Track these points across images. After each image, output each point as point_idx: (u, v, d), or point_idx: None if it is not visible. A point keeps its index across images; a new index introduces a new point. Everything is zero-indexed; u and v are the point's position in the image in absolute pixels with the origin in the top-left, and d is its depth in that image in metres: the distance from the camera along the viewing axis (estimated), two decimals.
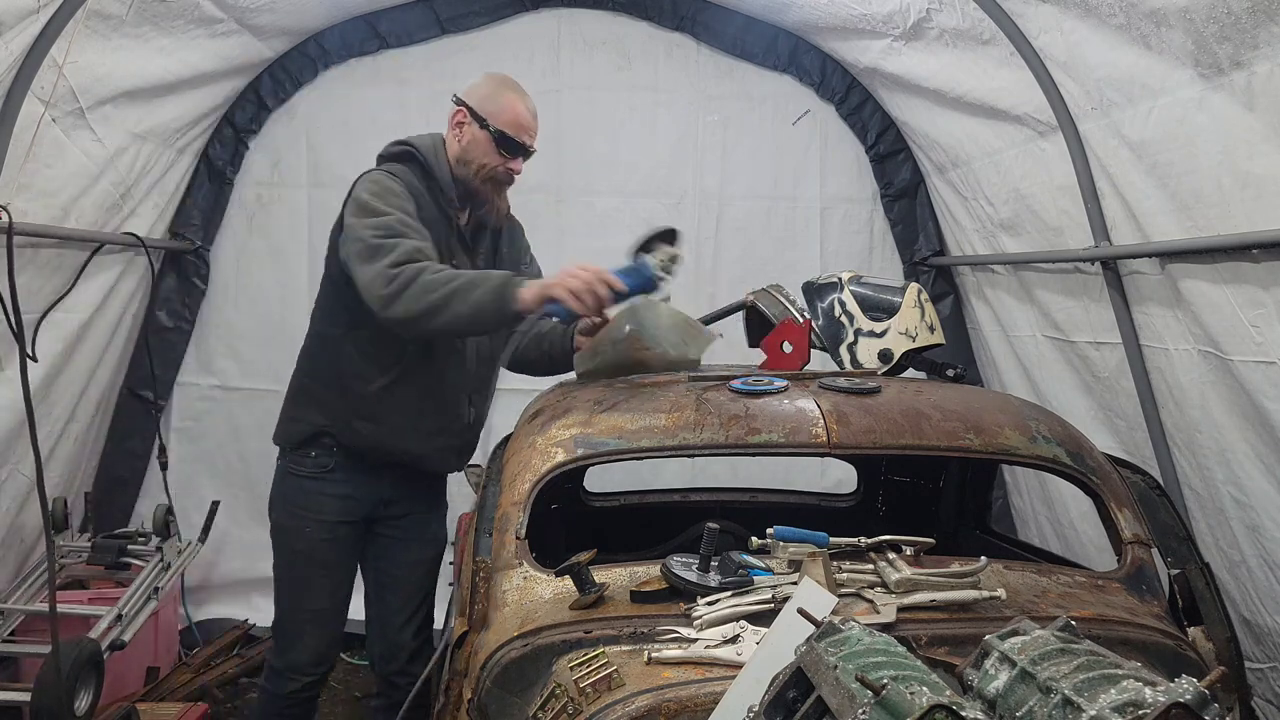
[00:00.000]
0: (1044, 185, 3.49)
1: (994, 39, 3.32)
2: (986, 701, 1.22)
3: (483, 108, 2.81)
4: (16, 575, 3.60)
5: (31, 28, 2.79)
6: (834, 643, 1.30)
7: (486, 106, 2.81)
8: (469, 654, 2.02)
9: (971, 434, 2.29)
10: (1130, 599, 2.10)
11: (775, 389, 2.37)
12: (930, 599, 1.90)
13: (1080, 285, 3.47)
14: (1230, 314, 2.64)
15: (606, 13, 4.64)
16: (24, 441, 3.03)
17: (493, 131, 2.79)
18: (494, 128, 2.79)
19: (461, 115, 2.83)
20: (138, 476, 4.46)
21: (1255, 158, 2.38)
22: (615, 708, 1.63)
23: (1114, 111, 2.92)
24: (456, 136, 2.85)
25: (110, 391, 4.26)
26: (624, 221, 4.70)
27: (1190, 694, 1.06)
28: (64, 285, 3.46)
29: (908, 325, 2.78)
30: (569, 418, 2.34)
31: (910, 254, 4.68)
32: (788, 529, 2.01)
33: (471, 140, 2.82)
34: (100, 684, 2.97)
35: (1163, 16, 2.48)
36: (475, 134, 2.81)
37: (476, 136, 2.81)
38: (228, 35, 3.82)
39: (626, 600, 1.98)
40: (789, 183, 4.73)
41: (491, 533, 2.22)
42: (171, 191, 4.24)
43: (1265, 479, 2.72)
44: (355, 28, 4.51)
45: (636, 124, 4.68)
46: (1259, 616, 2.90)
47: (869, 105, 4.62)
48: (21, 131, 2.91)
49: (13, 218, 2.58)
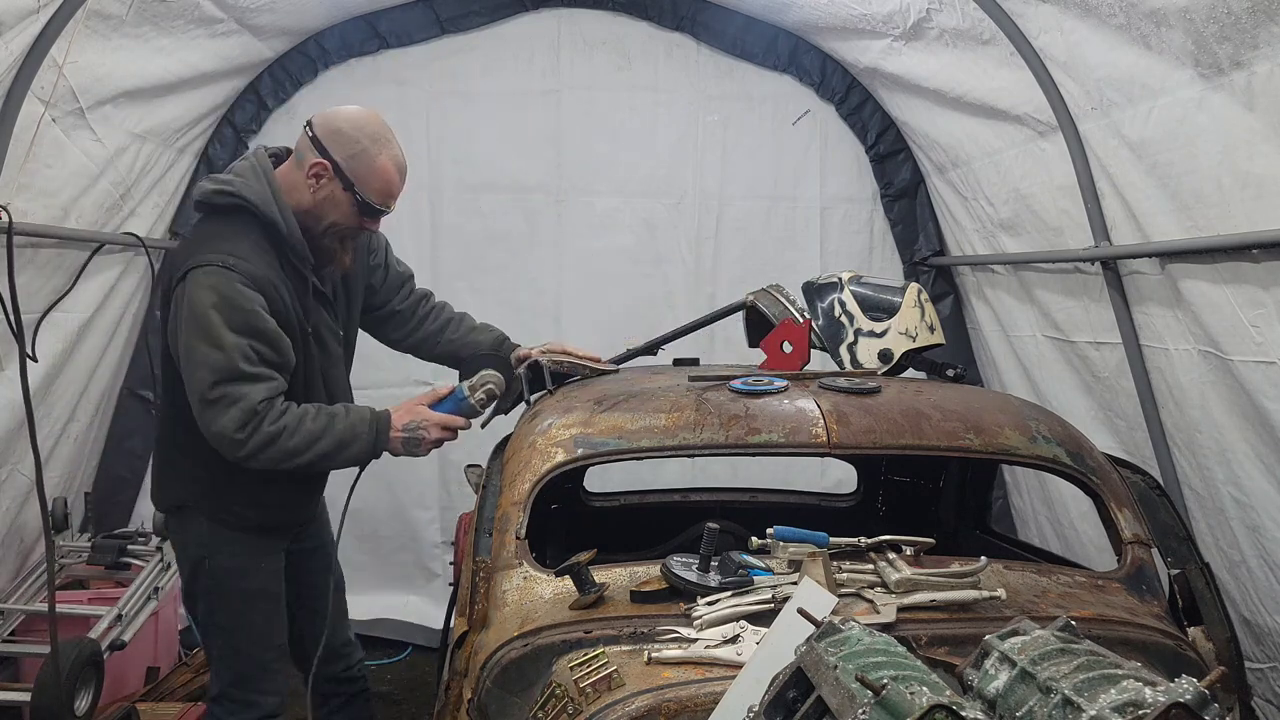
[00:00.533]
0: (1044, 185, 3.49)
1: (994, 39, 3.32)
2: (986, 701, 1.22)
3: (351, 169, 2.44)
4: (16, 575, 3.60)
5: (31, 28, 2.78)
6: (834, 643, 1.30)
7: (355, 168, 2.44)
8: (469, 654, 2.02)
9: (971, 434, 2.29)
10: (1130, 599, 2.10)
11: (775, 389, 2.37)
12: (930, 599, 1.91)
13: (1080, 285, 3.47)
14: (1230, 314, 2.64)
15: (606, 13, 4.64)
16: (24, 441, 3.02)
17: (358, 198, 2.46)
18: (360, 195, 2.45)
19: (322, 168, 2.44)
20: (138, 476, 4.46)
21: (1255, 158, 2.38)
22: (615, 708, 1.63)
23: (1114, 111, 2.92)
24: (311, 188, 2.46)
25: (110, 391, 4.25)
26: (624, 221, 4.71)
27: (1190, 694, 1.06)
28: (64, 285, 3.46)
29: (908, 325, 2.78)
30: (569, 418, 2.34)
31: (910, 254, 4.69)
32: (788, 529, 2.01)
33: (329, 199, 2.47)
34: (100, 684, 2.97)
35: (1163, 16, 2.48)
36: (336, 194, 2.46)
37: (337, 197, 2.46)
38: (228, 35, 3.82)
39: (626, 600, 1.98)
40: (789, 183, 4.73)
41: (491, 533, 2.22)
42: (171, 191, 4.24)
43: (1265, 479, 2.72)
44: (355, 28, 4.51)
45: (636, 124, 4.68)
46: (1259, 616, 2.90)
47: (869, 105, 4.62)
48: (21, 131, 2.91)
49: (13, 218, 2.58)
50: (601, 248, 4.72)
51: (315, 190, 2.47)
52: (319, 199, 2.47)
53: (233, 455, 2.37)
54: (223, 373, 2.32)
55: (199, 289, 2.34)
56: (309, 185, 2.47)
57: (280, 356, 2.42)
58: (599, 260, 4.71)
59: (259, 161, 2.50)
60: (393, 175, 2.50)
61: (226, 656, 2.67)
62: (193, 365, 2.35)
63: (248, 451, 2.36)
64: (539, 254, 4.71)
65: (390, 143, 2.51)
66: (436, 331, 2.96)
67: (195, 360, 2.34)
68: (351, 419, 2.48)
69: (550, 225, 4.70)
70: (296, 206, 2.49)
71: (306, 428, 2.41)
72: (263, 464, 2.39)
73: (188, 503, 2.59)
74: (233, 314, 2.34)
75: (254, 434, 2.34)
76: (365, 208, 2.48)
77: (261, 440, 2.35)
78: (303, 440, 2.40)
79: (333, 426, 2.45)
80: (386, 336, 2.99)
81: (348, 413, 2.50)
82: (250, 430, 2.34)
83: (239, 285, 2.35)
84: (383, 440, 2.50)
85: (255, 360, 2.36)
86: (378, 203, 2.49)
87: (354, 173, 2.45)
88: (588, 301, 4.71)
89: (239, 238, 2.42)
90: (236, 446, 2.35)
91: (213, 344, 2.32)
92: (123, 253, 3.93)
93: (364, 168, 2.45)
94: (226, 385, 2.33)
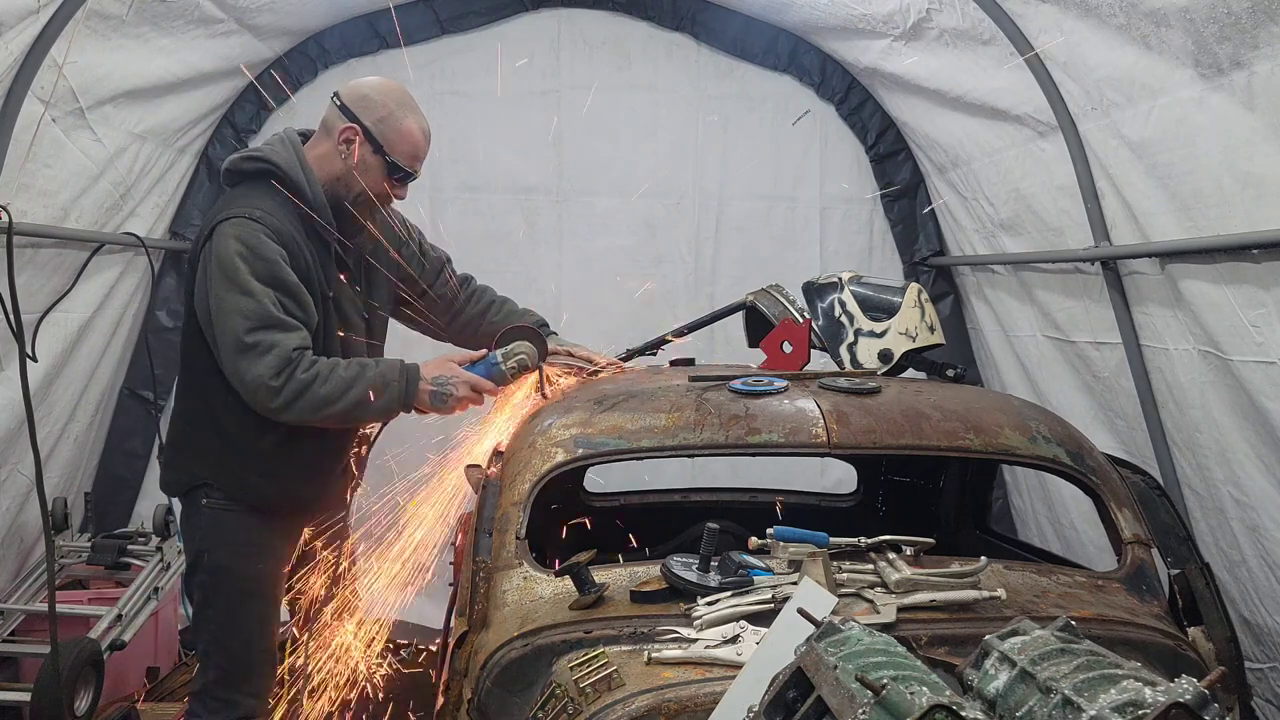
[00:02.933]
0: (1044, 185, 3.49)
1: (994, 39, 3.32)
2: (986, 701, 1.22)
3: (379, 131, 2.55)
4: (16, 575, 3.60)
5: (31, 28, 2.78)
6: (834, 643, 1.30)
7: (384, 131, 2.56)
8: (469, 654, 2.02)
9: (971, 434, 2.29)
10: (1130, 599, 2.10)
11: (775, 389, 2.37)
12: (930, 599, 1.91)
13: (1080, 285, 3.47)
14: (1230, 314, 2.64)
15: (606, 13, 4.64)
16: (24, 441, 3.02)
17: (388, 160, 2.56)
18: (390, 157, 2.56)
19: (352, 133, 2.55)
20: (138, 476, 4.46)
21: (1255, 158, 2.38)
22: (615, 708, 1.63)
23: (1114, 111, 2.92)
24: (342, 154, 2.56)
25: (110, 391, 4.26)
26: (624, 221, 4.71)
27: (1190, 694, 1.06)
28: (64, 285, 3.46)
29: (908, 325, 2.78)
30: (569, 418, 2.34)
31: (910, 254, 4.68)
32: (788, 529, 2.00)
33: (360, 163, 2.56)
34: (100, 684, 2.97)
35: (1163, 16, 2.48)
36: (367, 158, 2.56)
37: (368, 161, 2.56)
38: (228, 35, 3.82)
39: (626, 600, 1.98)
40: (789, 183, 4.72)
41: (491, 533, 2.22)
42: (171, 191, 4.24)
43: (1265, 479, 2.72)
44: (355, 28, 4.51)
45: (636, 124, 4.68)
46: (1259, 616, 2.90)
47: (869, 105, 4.62)
48: (21, 131, 2.91)
49: (13, 218, 2.57)
50: (601, 248, 4.72)
51: (346, 156, 2.56)
52: (350, 165, 2.56)
53: (267, 405, 2.38)
54: (257, 318, 2.37)
55: (224, 239, 2.42)
56: (340, 152, 2.56)
57: (303, 311, 2.47)
58: (599, 260, 4.71)
59: (287, 135, 2.63)
60: (419, 138, 2.61)
61: (213, 652, 2.68)
62: (224, 314, 2.39)
63: (283, 400, 2.37)
64: (539, 254, 4.71)
65: (415, 108, 2.63)
66: (478, 315, 2.99)
67: (226, 309, 2.39)
68: (382, 368, 2.51)
69: (550, 225, 4.70)
70: (328, 176, 2.58)
71: (339, 375, 2.43)
72: (296, 414, 2.39)
73: (199, 481, 2.60)
74: (257, 263, 2.40)
75: (289, 380, 2.36)
76: (393, 169, 2.58)
77: (296, 387, 2.37)
78: (335, 388, 2.41)
79: (364, 375, 2.47)
80: (432, 324, 2.98)
81: (378, 363, 2.55)
82: (285, 377, 2.36)
83: (263, 236, 2.42)
84: (412, 389, 2.51)
85: (282, 310, 2.41)
86: (405, 164, 2.59)
87: (383, 135, 2.55)
88: (588, 301, 4.70)
89: (265, 199, 2.51)
90: (272, 395, 2.37)
91: (242, 291, 2.38)
92: (123, 253, 3.94)
93: (392, 130, 2.56)
94: (262, 331, 2.37)
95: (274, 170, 2.53)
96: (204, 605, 2.67)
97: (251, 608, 2.65)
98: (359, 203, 2.62)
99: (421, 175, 2.73)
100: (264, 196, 2.51)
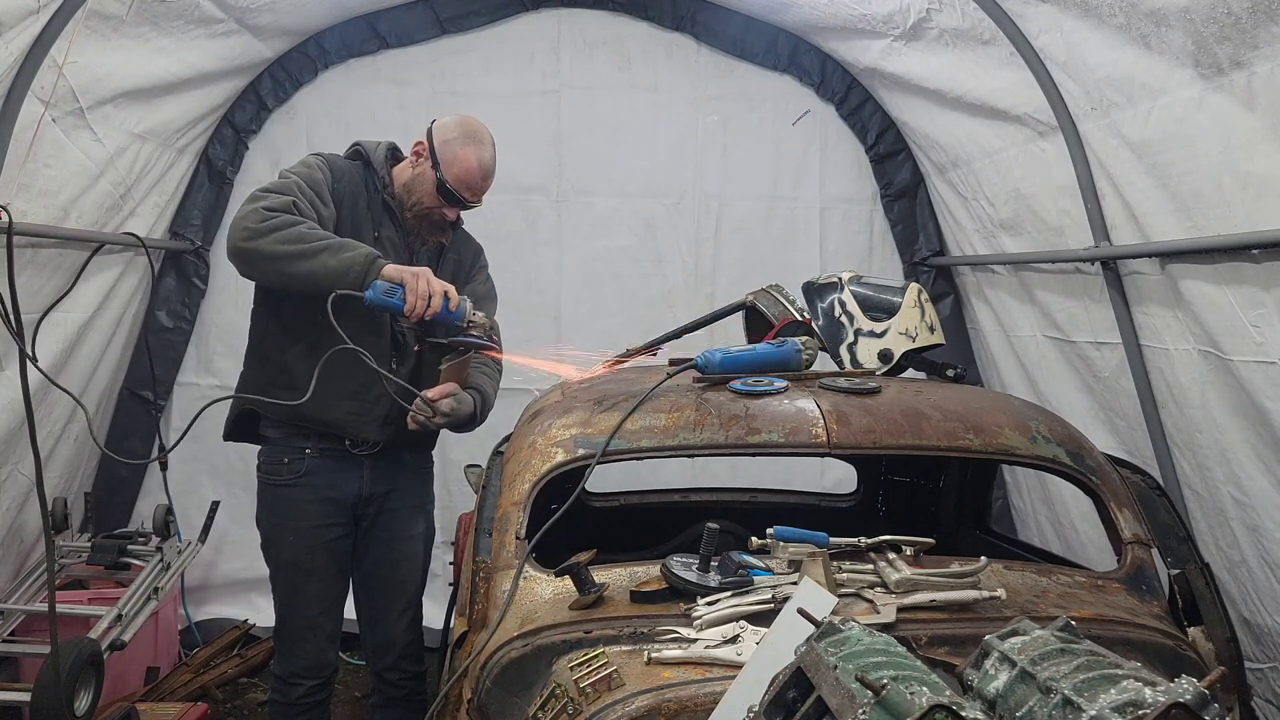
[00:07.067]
0: (1044, 185, 3.49)
1: (994, 39, 3.32)
2: (986, 701, 1.22)
3: (441, 151, 2.81)
4: (16, 575, 3.60)
5: (32, 28, 2.79)
6: (834, 643, 1.30)
7: (445, 152, 2.81)
8: (469, 654, 2.02)
9: (971, 434, 2.29)
10: (1130, 599, 2.10)
11: (775, 389, 2.37)
12: (930, 599, 1.91)
13: (1080, 285, 3.47)
14: (1230, 314, 2.64)
15: (606, 13, 4.64)
16: (24, 441, 3.02)
17: (439, 177, 2.80)
18: (442, 175, 2.80)
19: (422, 148, 2.85)
20: (138, 476, 4.46)
21: (1255, 158, 2.38)
22: (615, 708, 1.63)
23: (1114, 111, 2.92)
24: (412, 164, 2.88)
25: (110, 391, 4.26)
26: (624, 221, 4.71)
27: (1190, 694, 1.06)
28: (64, 285, 3.45)
29: (908, 325, 2.78)
30: (569, 418, 2.35)
31: (910, 254, 4.68)
32: (788, 529, 2.01)
33: (420, 176, 2.84)
34: (100, 684, 2.96)
35: (1163, 16, 2.48)
36: (425, 172, 2.83)
37: (425, 175, 2.83)
38: (228, 35, 3.82)
39: (626, 600, 1.98)
40: (789, 183, 4.73)
41: (491, 533, 2.22)
42: (171, 191, 4.24)
43: (1265, 479, 2.72)
44: (355, 28, 4.52)
45: (636, 124, 4.68)
46: (1259, 616, 2.90)
47: (869, 105, 4.62)
48: (21, 131, 2.91)
49: (13, 218, 2.57)
50: (601, 248, 4.72)
51: (414, 166, 2.87)
52: (413, 176, 2.86)
53: (250, 224, 2.52)
54: (271, 185, 2.65)
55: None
56: (411, 163, 2.89)
57: (323, 206, 2.70)
58: (599, 260, 4.71)
59: (385, 142, 2.97)
60: (473, 166, 2.82)
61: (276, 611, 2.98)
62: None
63: (263, 226, 2.50)
64: (539, 254, 4.71)
65: (484, 145, 2.86)
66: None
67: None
68: (347, 241, 2.62)
69: (550, 225, 4.71)
70: (400, 181, 2.89)
71: (308, 227, 2.57)
72: (269, 243, 2.50)
73: (243, 405, 2.87)
74: (299, 165, 2.77)
75: (278, 215, 2.53)
76: (442, 187, 2.80)
77: (282, 221, 2.52)
78: (304, 230, 2.54)
79: (330, 237, 2.59)
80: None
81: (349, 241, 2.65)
82: (275, 213, 2.53)
83: (318, 161, 2.80)
84: (377, 263, 2.56)
85: (306, 192, 2.66)
86: (452, 185, 2.80)
87: (442, 155, 2.81)
88: (588, 301, 4.71)
89: (345, 165, 2.87)
90: (260, 218, 2.52)
91: (280, 176, 2.72)
92: (123, 253, 3.94)
93: (450, 154, 2.81)
94: (269, 193, 2.60)
95: (360, 150, 2.92)
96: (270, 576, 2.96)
97: (289, 579, 2.89)
98: (414, 211, 2.86)
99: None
100: (342, 159, 2.89)
